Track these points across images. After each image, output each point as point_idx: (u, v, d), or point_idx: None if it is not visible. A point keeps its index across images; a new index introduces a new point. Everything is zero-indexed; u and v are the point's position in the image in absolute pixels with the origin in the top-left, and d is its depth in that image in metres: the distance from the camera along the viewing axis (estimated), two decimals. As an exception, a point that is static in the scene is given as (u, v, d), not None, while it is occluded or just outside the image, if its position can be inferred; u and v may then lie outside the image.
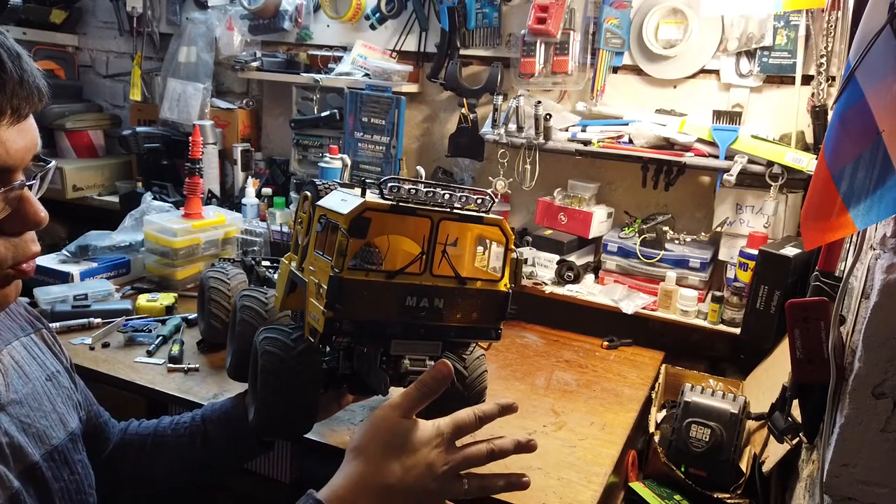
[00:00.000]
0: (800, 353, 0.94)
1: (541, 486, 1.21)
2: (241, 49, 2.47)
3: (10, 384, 0.86)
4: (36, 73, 0.72)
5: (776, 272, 1.54)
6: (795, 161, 1.67)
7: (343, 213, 0.94)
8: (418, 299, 0.98)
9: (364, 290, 0.95)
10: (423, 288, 0.98)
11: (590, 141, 1.89)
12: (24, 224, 0.75)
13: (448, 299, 1.00)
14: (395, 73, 2.19)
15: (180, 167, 2.46)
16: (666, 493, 1.35)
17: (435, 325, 1.01)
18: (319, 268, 1.00)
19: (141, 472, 1.12)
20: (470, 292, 1.02)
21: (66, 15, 2.83)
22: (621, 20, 1.92)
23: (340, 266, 0.93)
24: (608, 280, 1.93)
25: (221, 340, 1.63)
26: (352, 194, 1.01)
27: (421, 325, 1.00)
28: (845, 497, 0.87)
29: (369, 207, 0.94)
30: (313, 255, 1.03)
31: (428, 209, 0.97)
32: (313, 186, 1.11)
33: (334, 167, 2.16)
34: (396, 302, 0.97)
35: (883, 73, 0.80)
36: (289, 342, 1.05)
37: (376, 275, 0.96)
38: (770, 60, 1.79)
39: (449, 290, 1.00)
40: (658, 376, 1.70)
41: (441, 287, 0.99)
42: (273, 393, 1.03)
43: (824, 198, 0.92)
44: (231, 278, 1.60)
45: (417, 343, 1.02)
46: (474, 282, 1.03)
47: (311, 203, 1.09)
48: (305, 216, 1.11)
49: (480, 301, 1.03)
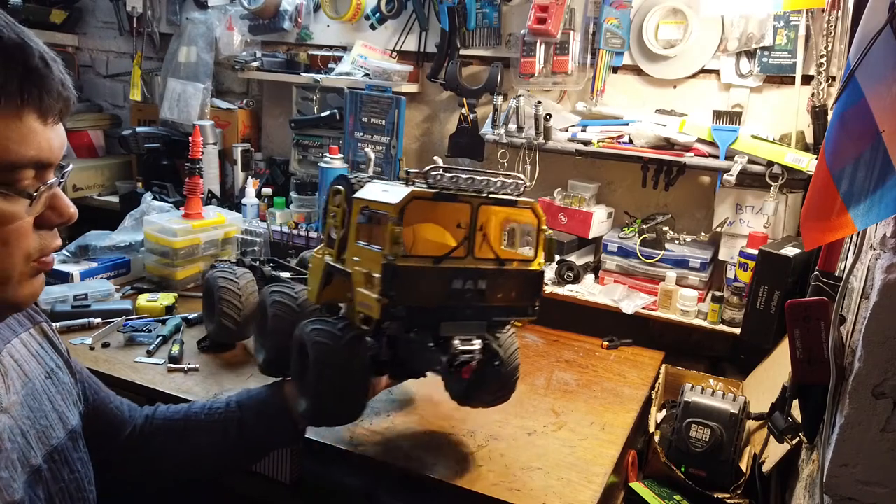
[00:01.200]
0: (800, 353, 0.94)
1: (541, 486, 1.22)
2: (241, 49, 2.47)
3: (11, 386, 0.86)
4: (68, 79, 0.77)
5: (776, 272, 1.54)
6: (795, 161, 1.67)
7: (393, 202, 0.97)
8: (464, 282, 1.03)
9: (415, 275, 1.00)
10: (467, 271, 1.03)
11: (590, 141, 1.89)
12: (59, 218, 0.79)
13: (490, 280, 1.06)
14: (395, 73, 2.19)
15: (180, 167, 2.46)
16: (666, 493, 1.35)
17: (479, 305, 1.06)
18: (366, 257, 1.04)
19: (168, 456, 1.13)
20: (509, 273, 1.08)
21: (66, 15, 2.83)
22: (621, 20, 1.92)
23: (395, 254, 0.97)
24: (608, 280, 1.93)
25: (232, 340, 1.65)
26: (391, 185, 1.05)
27: (467, 306, 1.05)
28: (845, 497, 0.87)
29: (417, 196, 0.98)
30: (355, 246, 1.08)
31: (468, 195, 1.02)
32: (346, 181, 1.15)
33: (335, 167, 2.16)
34: (444, 285, 1.02)
35: (883, 73, 0.80)
36: (337, 332, 1.08)
37: (425, 260, 1.01)
38: (770, 60, 1.79)
39: (490, 272, 1.06)
40: (658, 376, 1.70)
41: (483, 269, 1.05)
42: (326, 383, 1.07)
43: (824, 198, 0.92)
44: (239, 278, 1.61)
45: (464, 324, 1.06)
46: (511, 262, 1.09)
47: (344, 197, 1.13)
48: (339, 210, 1.14)
49: (518, 281, 1.09)
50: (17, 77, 0.71)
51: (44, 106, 0.74)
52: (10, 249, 0.75)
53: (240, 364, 1.61)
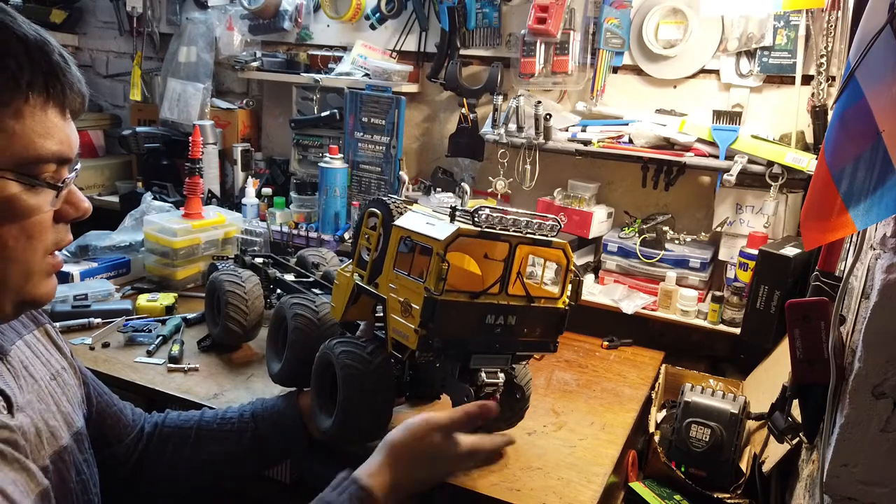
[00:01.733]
0: (800, 353, 0.94)
1: (541, 486, 1.22)
2: (241, 49, 2.47)
3: (24, 386, 0.86)
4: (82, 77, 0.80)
5: (776, 272, 1.54)
6: (795, 161, 1.66)
7: (439, 238, 1.02)
8: (496, 317, 1.09)
9: (453, 310, 1.05)
10: (500, 307, 1.09)
11: (590, 141, 1.89)
12: (76, 212, 0.82)
13: (519, 316, 1.11)
14: (395, 73, 2.19)
15: (180, 167, 2.46)
16: (666, 493, 1.35)
17: (507, 340, 1.12)
18: (404, 286, 1.09)
19: (180, 464, 1.13)
20: (536, 310, 1.14)
21: (66, 15, 2.83)
22: (621, 20, 1.92)
23: (438, 290, 1.02)
24: (608, 280, 1.93)
25: (237, 343, 1.65)
26: (433, 216, 1.10)
27: (496, 340, 1.11)
28: (845, 497, 0.87)
29: (462, 234, 1.03)
30: (392, 273, 1.12)
31: (509, 234, 1.07)
32: (384, 206, 1.18)
33: (335, 167, 2.17)
34: (478, 320, 1.08)
35: (883, 73, 0.80)
36: (367, 356, 1.13)
37: (463, 295, 1.06)
38: (770, 60, 1.79)
39: (520, 308, 1.11)
40: (658, 376, 1.70)
41: (514, 305, 1.11)
42: (354, 404, 1.11)
43: (824, 198, 0.92)
44: (245, 281, 1.61)
45: (492, 357, 1.13)
46: (539, 300, 1.14)
47: (381, 222, 1.16)
48: (374, 234, 1.18)
49: (544, 317, 1.15)
50: (42, 73, 0.73)
51: (66, 101, 0.76)
52: (34, 243, 0.76)
53: (240, 364, 1.61)
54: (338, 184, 2.18)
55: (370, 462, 0.97)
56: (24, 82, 0.71)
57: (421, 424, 0.99)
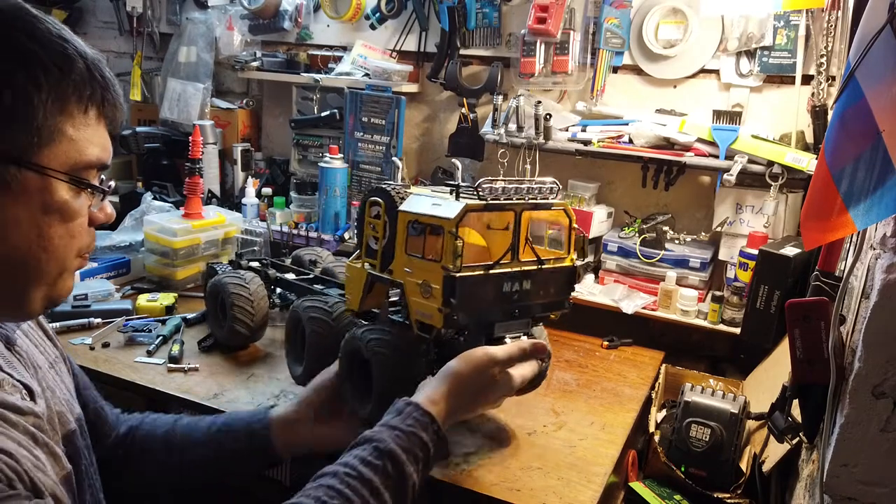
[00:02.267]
0: (800, 353, 0.94)
1: (541, 486, 1.22)
2: (241, 49, 2.47)
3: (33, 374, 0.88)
4: None
5: (776, 272, 1.54)
6: (795, 161, 1.66)
7: (450, 217, 1.05)
8: (512, 284, 1.13)
9: (471, 284, 1.08)
10: (515, 274, 1.13)
11: (590, 141, 1.89)
12: (105, 218, 0.87)
13: (533, 280, 1.16)
14: (395, 73, 2.19)
15: (180, 167, 2.46)
16: (666, 493, 1.35)
17: (525, 304, 1.16)
18: (420, 268, 1.12)
19: (153, 468, 1.13)
20: (548, 271, 1.18)
21: (66, 15, 2.83)
22: (621, 20, 1.92)
23: (456, 267, 1.05)
24: (608, 280, 1.93)
25: (244, 344, 1.66)
26: (436, 196, 1.13)
27: (515, 306, 1.15)
28: (845, 497, 0.87)
29: (470, 209, 1.06)
30: (405, 257, 1.14)
31: (513, 203, 1.11)
32: (385, 193, 1.20)
33: (335, 167, 2.16)
34: (496, 290, 1.12)
35: (883, 73, 0.80)
36: (394, 339, 1.16)
37: (478, 269, 1.09)
38: (770, 60, 1.79)
39: (533, 273, 1.16)
40: (658, 376, 1.70)
41: (527, 271, 1.15)
42: (391, 387, 1.13)
43: (824, 198, 0.92)
44: (249, 283, 1.62)
45: (513, 322, 1.16)
46: (549, 261, 1.18)
47: (385, 210, 1.18)
48: (379, 222, 1.20)
49: (556, 277, 1.20)
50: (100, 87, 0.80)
51: (115, 114, 0.84)
52: (74, 243, 0.81)
53: (240, 364, 1.61)
54: (338, 184, 2.18)
55: (431, 389, 1.01)
56: (85, 95, 0.78)
57: (482, 358, 1.04)
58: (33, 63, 0.74)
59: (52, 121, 0.75)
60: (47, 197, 0.76)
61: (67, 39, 0.78)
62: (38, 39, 0.75)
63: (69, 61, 0.76)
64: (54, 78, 0.75)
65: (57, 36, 0.76)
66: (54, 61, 0.75)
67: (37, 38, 0.74)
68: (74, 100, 0.77)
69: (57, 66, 0.75)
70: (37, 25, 0.75)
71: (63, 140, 0.76)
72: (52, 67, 0.75)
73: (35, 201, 0.76)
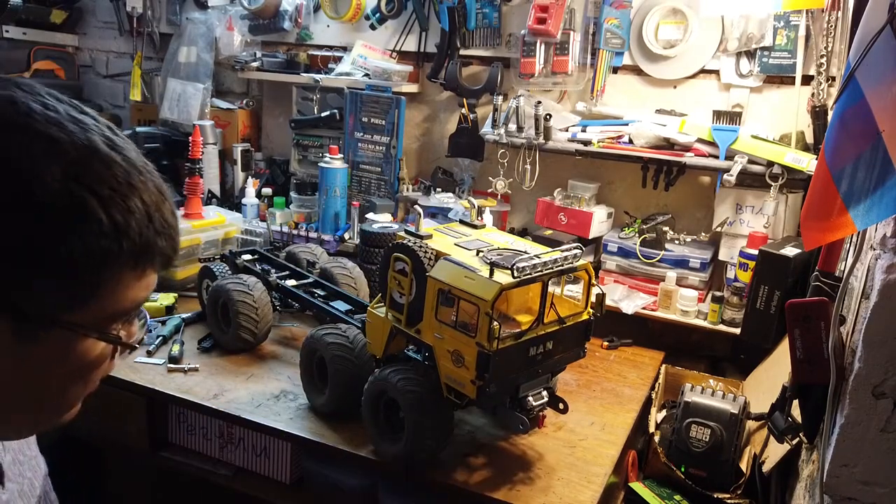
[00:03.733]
0: (800, 353, 0.94)
1: (541, 486, 1.22)
2: (241, 49, 2.47)
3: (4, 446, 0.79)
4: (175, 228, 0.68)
5: (776, 272, 1.54)
6: (795, 161, 1.66)
7: (486, 299, 1.08)
8: (537, 348, 1.18)
9: (504, 356, 1.12)
10: (540, 338, 1.18)
11: (590, 141, 1.89)
12: (106, 371, 0.73)
13: (555, 340, 1.21)
14: (395, 73, 2.19)
15: (180, 167, 2.46)
16: (666, 493, 1.35)
17: (547, 362, 1.22)
18: (451, 337, 1.16)
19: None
20: (568, 329, 1.23)
21: (66, 15, 2.83)
22: (621, 20, 1.92)
23: (492, 346, 1.09)
24: (608, 280, 1.93)
25: (249, 349, 1.67)
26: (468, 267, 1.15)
27: (539, 366, 1.20)
28: (845, 497, 0.87)
29: (505, 288, 1.09)
30: (436, 322, 1.18)
31: (541, 275, 1.15)
32: (412, 253, 1.22)
33: (335, 167, 2.16)
34: (524, 356, 1.16)
35: (883, 73, 0.80)
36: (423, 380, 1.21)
37: (509, 339, 1.14)
38: (770, 60, 1.79)
39: (555, 333, 1.21)
40: (658, 376, 1.70)
41: (550, 332, 1.20)
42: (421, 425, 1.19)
43: (824, 198, 0.92)
44: (252, 289, 1.63)
45: (536, 381, 1.22)
46: (568, 318, 1.22)
47: (412, 268, 1.21)
48: (406, 280, 1.23)
49: (574, 332, 1.25)
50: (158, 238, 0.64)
51: (168, 261, 0.67)
52: (89, 386, 0.71)
53: (240, 364, 1.61)
54: (338, 184, 2.18)
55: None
56: (142, 261, 0.63)
57: None
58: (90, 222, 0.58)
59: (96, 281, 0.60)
60: (72, 354, 0.64)
61: (133, 183, 0.61)
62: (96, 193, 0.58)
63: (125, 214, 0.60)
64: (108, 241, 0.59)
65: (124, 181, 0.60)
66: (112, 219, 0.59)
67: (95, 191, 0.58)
68: (129, 268, 0.62)
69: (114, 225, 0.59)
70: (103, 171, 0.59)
71: (104, 298, 0.62)
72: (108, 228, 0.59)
73: (56, 354, 0.64)
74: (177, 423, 1.55)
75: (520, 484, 1.22)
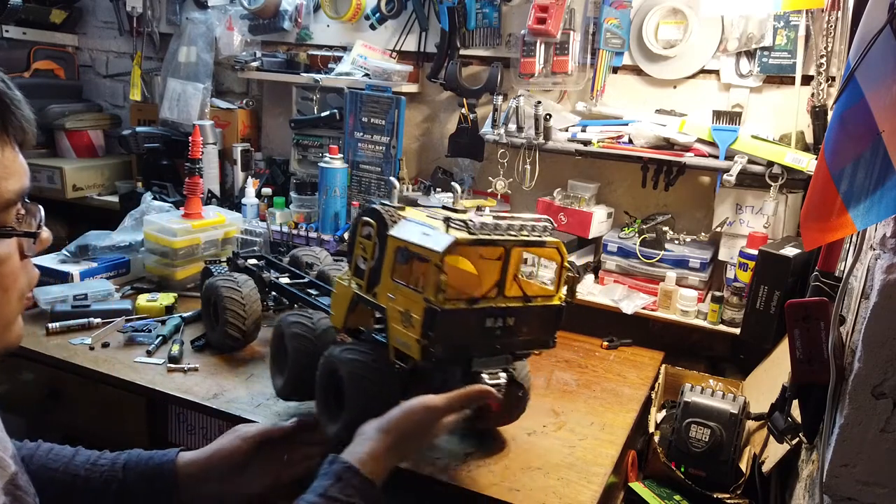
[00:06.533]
0: (800, 353, 0.94)
1: (541, 486, 1.22)
2: (241, 49, 2.47)
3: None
4: None
5: (776, 272, 1.54)
6: (795, 161, 1.66)
7: (438, 250, 1.02)
8: (495, 320, 1.11)
9: (453, 317, 1.05)
10: (499, 309, 1.11)
11: (590, 141, 1.89)
12: (40, 246, 0.74)
13: (518, 317, 1.13)
14: (395, 73, 2.19)
15: (180, 167, 2.46)
16: (666, 493, 1.35)
17: (507, 340, 1.14)
18: (404, 296, 1.09)
19: None
20: (534, 309, 1.16)
21: (66, 15, 2.83)
22: (621, 20, 1.92)
23: (439, 301, 1.03)
24: (608, 280, 1.93)
25: (237, 348, 1.65)
26: (427, 224, 1.10)
27: (497, 342, 1.13)
28: (845, 497, 0.87)
29: (459, 244, 1.03)
30: (391, 283, 1.12)
31: (504, 239, 1.09)
32: (378, 215, 1.18)
33: (335, 167, 2.16)
34: (478, 325, 1.09)
35: (883, 73, 0.80)
36: (371, 362, 1.15)
37: (462, 302, 1.07)
38: (770, 60, 1.79)
39: (518, 309, 1.13)
40: (658, 376, 1.70)
41: (513, 307, 1.12)
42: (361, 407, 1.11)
43: (824, 198, 0.92)
44: (242, 286, 1.61)
45: (493, 358, 1.14)
46: (536, 299, 1.15)
47: (376, 231, 1.16)
48: (369, 244, 1.18)
49: (541, 315, 1.17)
50: (4, 108, 0.65)
51: (26, 136, 0.69)
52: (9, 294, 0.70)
53: (240, 364, 1.61)
54: (338, 184, 2.18)
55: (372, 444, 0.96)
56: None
57: (422, 411, 1.00)
58: None
59: None
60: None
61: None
62: None
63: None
64: None
65: None
66: None
67: None
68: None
69: None
70: None
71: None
72: None
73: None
74: (176, 422, 1.55)
75: (519, 484, 1.22)
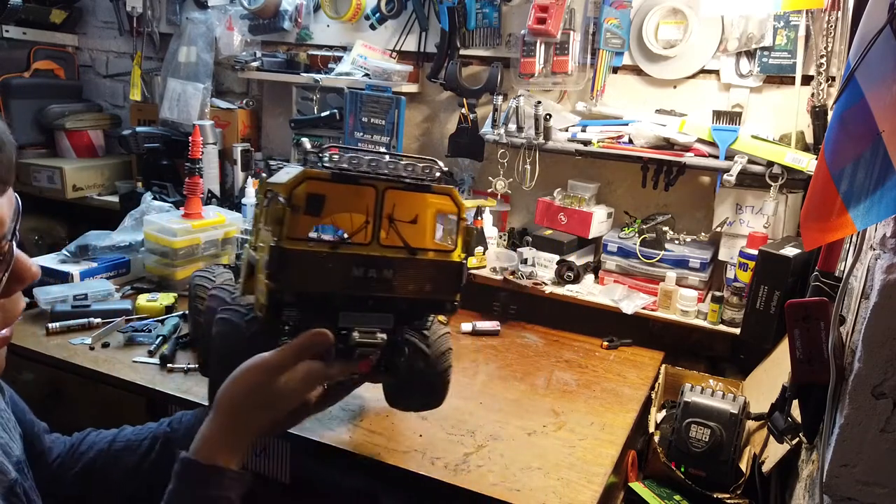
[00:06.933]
0: (800, 353, 0.94)
1: (541, 486, 1.22)
2: (241, 49, 2.47)
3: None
4: None
5: (776, 272, 1.54)
6: (795, 161, 1.67)
7: (283, 182, 0.92)
8: (366, 270, 0.96)
9: (307, 260, 0.93)
10: (369, 258, 0.96)
11: (590, 141, 1.89)
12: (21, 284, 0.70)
13: (398, 270, 0.98)
14: (395, 73, 2.19)
15: (180, 167, 2.46)
16: (666, 493, 1.35)
17: (385, 296, 0.99)
18: (265, 241, 0.96)
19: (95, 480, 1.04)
20: (421, 263, 1.00)
21: (66, 15, 2.83)
22: (621, 20, 1.92)
23: (280, 235, 0.91)
24: (608, 280, 1.93)
25: None
26: (297, 167, 0.99)
27: (369, 296, 0.98)
28: (845, 497, 0.87)
29: (310, 176, 0.92)
30: (262, 231, 1.01)
31: (372, 178, 0.95)
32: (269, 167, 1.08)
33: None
34: (342, 273, 0.95)
35: (883, 73, 0.80)
36: (242, 323, 1.05)
37: (319, 245, 0.94)
38: (770, 60, 1.79)
39: (398, 261, 0.98)
40: (658, 376, 1.70)
41: (390, 258, 0.97)
42: (221, 372, 0.96)
43: (824, 198, 0.92)
44: (217, 276, 1.57)
45: (367, 315, 0.99)
46: (425, 252, 1.00)
47: None
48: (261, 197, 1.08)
49: (433, 272, 1.01)
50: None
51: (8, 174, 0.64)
52: None
53: (240, 364, 1.61)
54: (338, 184, 2.18)
55: (207, 428, 0.88)
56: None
57: (251, 371, 0.90)
58: None
59: None
60: None
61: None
62: None
63: None
64: None
65: None
66: None
67: None
68: None
69: None
70: None
71: None
72: None
73: None
74: (177, 422, 1.55)
75: (519, 484, 1.22)
